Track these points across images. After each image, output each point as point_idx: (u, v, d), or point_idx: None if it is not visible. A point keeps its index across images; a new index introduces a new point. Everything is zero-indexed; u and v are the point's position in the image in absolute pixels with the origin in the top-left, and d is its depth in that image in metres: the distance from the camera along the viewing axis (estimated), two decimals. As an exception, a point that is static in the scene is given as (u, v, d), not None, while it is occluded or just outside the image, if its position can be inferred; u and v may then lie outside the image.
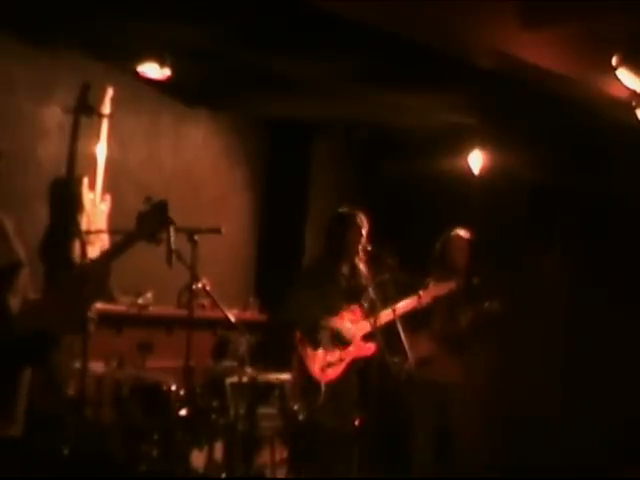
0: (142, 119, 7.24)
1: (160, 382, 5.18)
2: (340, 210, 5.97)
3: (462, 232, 6.19)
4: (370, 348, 5.71)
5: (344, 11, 4.91)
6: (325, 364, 5.63)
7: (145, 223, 3.37)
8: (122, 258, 6.60)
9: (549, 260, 7.66)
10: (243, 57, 6.23)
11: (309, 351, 5.64)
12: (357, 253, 5.79)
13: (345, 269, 5.83)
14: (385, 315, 5.63)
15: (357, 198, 8.60)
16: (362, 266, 5.82)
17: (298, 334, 5.66)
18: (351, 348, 5.71)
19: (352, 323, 5.74)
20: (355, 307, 5.76)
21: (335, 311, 5.73)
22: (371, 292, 5.64)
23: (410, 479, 6.08)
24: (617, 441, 6.85)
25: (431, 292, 5.87)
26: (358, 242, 5.78)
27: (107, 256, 3.40)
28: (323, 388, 5.56)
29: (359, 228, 5.78)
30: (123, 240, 3.36)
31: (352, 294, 5.78)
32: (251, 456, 5.50)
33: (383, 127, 8.06)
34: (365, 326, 5.70)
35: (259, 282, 8.35)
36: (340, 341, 5.69)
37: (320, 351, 5.64)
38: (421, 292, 5.83)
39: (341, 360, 5.69)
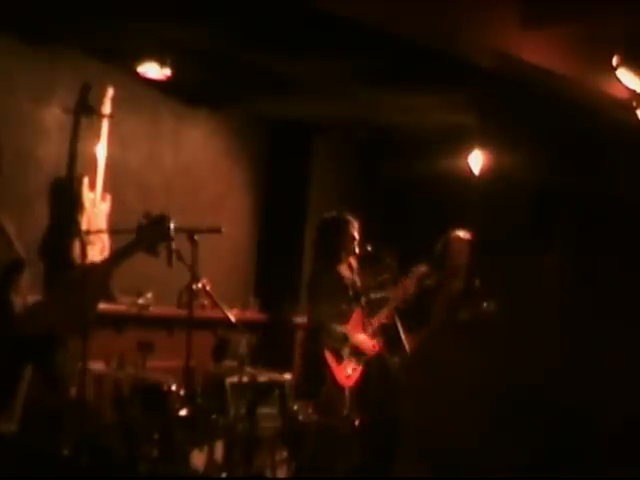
0: (142, 119, 7.24)
1: (160, 382, 5.17)
2: (327, 215, 6.01)
3: (462, 233, 6.21)
4: (377, 346, 5.84)
5: (344, 11, 4.91)
6: (348, 372, 5.74)
7: (144, 236, 3.41)
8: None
9: (549, 260, 7.66)
10: (243, 57, 6.23)
11: (336, 366, 5.72)
12: (353, 254, 5.84)
13: (346, 272, 5.86)
14: (383, 313, 5.76)
15: (357, 198, 8.62)
16: (357, 266, 5.88)
17: (327, 352, 5.71)
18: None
19: (359, 325, 5.79)
20: (358, 308, 5.79)
21: (347, 317, 5.79)
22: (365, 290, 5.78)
23: (409, 479, 6.07)
24: (617, 440, 6.85)
25: (412, 277, 5.97)
26: (352, 244, 5.85)
27: (107, 264, 3.44)
28: (347, 394, 5.62)
29: (350, 230, 5.84)
30: (122, 249, 3.41)
31: (355, 296, 5.82)
32: (251, 456, 5.50)
33: (383, 127, 8.06)
34: (368, 326, 5.79)
35: (259, 282, 8.35)
36: (360, 354, 5.80)
37: (343, 363, 5.75)
38: (403, 280, 5.93)
39: (358, 364, 5.80)
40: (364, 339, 5.83)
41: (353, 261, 5.90)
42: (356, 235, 5.89)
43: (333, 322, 5.72)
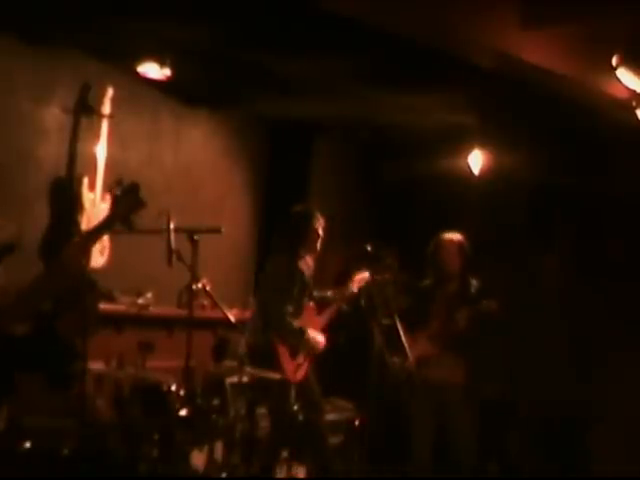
0: (142, 119, 7.24)
1: (160, 382, 5.17)
2: (295, 208, 6.05)
3: (452, 235, 6.12)
4: (321, 343, 5.94)
5: (344, 11, 4.91)
6: (296, 367, 5.80)
7: (119, 207, 3.45)
8: (122, 258, 6.64)
9: (549, 260, 7.66)
10: (243, 57, 6.23)
11: (287, 360, 5.76)
12: (313, 251, 5.94)
13: (304, 267, 5.94)
14: (329, 311, 6.08)
15: (357, 198, 8.63)
16: (312, 262, 5.98)
17: (281, 346, 5.75)
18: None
19: (310, 321, 5.96)
20: (309, 304, 5.97)
21: (301, 312, 5.89)
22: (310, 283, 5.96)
23: (410, 479, 6.08)
24: (618, 441, 6.85)
25: (353, 282, 6.08)
26: (316, 240, 5.90)
27: (84, 240, 3.49)
28: (293, 388, 5.70)
29: (315, 225, 5.89)
30: (100, 225, 3.46)
31: (308, 291, 5.98)
32: (251, 456, 5.50)
33: (383, 127, 8.06)
34: (321, 324, 6.00)
35: (259, 282, 8.34)
36: (310, 351, 5.88)
37: (292, 358, 5.80)
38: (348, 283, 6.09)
39: (305, 361, 5.88)
40: (315, 335, 5.91)
41: (310, 259, 5.96)
42: (320, 232, 5.91)
43: (290, 317, 5.76)
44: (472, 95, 6.66)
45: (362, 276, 6.08)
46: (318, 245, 5.93)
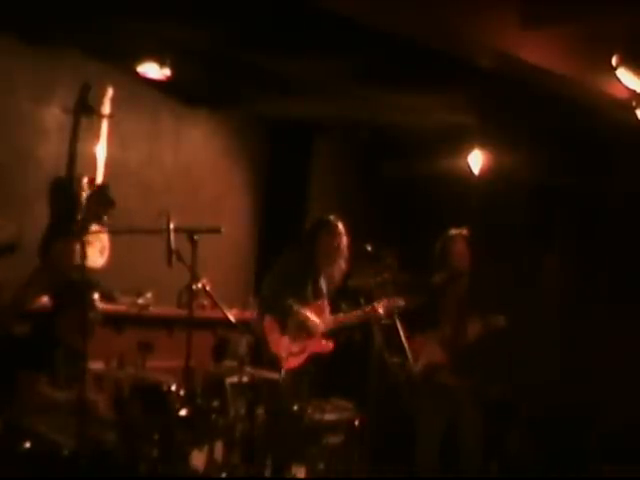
0: (142, 119, 7.24)
1: (160, 382, 5.17)
2: (325, 217, 6.12)
3: (462, 231, 6.14)
4: (329, 345, 5.98)
5: (344, 11, 4.92)
6: (289, 352, 5.80)
7: (92, 206, 3.56)
8: (122, 258, 6.64)
9: (549, 260, 7.67)
10: (243, 57, 6.24)
11: (276, 336, 5.80)
12: (341, 257, 6.01)
13: (325, 268, 6.04)
14: (344, 317, 6.01)
15: (357, 198, 8.63)
16: (340, 269, 6.05)
17: (268, 319, 5.83)
18: (312, 342, 5.93)
19: (318, 317, 5.95)
20: (322, 302, 5.99)
21: (304, 302, 5.93)
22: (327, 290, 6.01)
23: (410, 478, 6.08)
24: (617, 440, 6.85)
25: (382, 305, 5.91)
26: (339, 249, 5.99)
27: (68, 239, 3.58)
28: (283, 374, 5.67)
29: (341, 237, 5.99)
30: (77, 225, 3.56)
31: (322, 291, 6.01)
32: (251, 456, 5.50)
33: (383, 127, 8.07)
34: (327, 323, 5.97)
35: (259, 282, 8.34)
36: (305, 331, 5.90)
37: (286, 339, 5.81)
38: (375, 304, 5.91)
39: (302, 352, 5.89)
40: (314, 319, 5.92)
41: (340, 262, 6.02)
42: (344, 240, 6.00)
43: (285, 296, 5.83)
44: (472, 95, 6.66)
45: (395, 303, 5.92)
46: (332, 255, 6.00)
